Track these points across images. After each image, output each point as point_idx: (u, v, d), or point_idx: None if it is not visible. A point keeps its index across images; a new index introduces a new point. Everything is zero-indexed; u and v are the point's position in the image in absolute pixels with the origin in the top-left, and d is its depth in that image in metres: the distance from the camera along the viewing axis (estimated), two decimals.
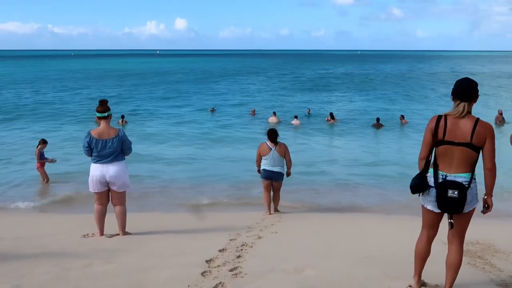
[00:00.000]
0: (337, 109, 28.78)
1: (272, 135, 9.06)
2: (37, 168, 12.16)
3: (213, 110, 29.51)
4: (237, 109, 30.06)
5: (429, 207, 4.18)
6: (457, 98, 4.05)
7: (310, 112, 27.34)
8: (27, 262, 5.52)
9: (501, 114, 25.86)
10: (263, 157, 9.04)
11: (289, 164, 9.12)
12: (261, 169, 9.15)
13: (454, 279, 4.20)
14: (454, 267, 4.18)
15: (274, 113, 24.76)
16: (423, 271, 4.46)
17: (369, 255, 5.78)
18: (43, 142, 12.24)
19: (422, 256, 4.36)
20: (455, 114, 4.01)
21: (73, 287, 4.69)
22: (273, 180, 9.07)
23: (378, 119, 23.92)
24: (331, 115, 24.57)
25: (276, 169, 9.00)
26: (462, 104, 4.01)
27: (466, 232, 4.23)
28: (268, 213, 9.16)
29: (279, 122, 23.53)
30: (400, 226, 7.62)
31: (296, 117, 24.00)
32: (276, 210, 9.36)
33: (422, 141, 4.20)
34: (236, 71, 77.36)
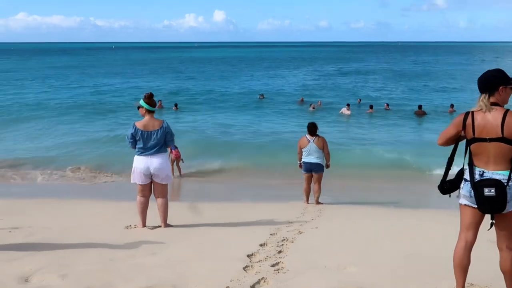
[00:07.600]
0: None
1: (312, 128, 9.48)
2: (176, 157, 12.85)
3: (262, 97, 29.89)
4: (285, 97, 30.89)
5: (464, 202, 3.95)
6: (479, 90, 3.89)
7: (361, 101, 27.36)
8: (72, 252, 5.64)
9: None
10: (303, 149, 9.48)
11: (327, 156, 9.52)
12: (302, 162, 9.56)
13: None
14: (509, 274, 3.93)
15: (348, 105, 24.71)
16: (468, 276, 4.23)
17: (414, 253, 5.64)
18: None
19: (462, 265, 3.99)
20: (478, 108, 3.82)
21: (117, 277, 4.75)
22: (313, 171, 9.47)
23: (420, 106, 23.60)
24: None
25: (314, 160, 9.39)
26: (482, 96, 3.83)
27: None
28: (306, 202, 9.63)
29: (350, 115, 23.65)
30: (446, 223, 7.35)
31: (348, 105, 24.06)
32: (317, 202, 9.64)
33: (444, 130, 4.06)
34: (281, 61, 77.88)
